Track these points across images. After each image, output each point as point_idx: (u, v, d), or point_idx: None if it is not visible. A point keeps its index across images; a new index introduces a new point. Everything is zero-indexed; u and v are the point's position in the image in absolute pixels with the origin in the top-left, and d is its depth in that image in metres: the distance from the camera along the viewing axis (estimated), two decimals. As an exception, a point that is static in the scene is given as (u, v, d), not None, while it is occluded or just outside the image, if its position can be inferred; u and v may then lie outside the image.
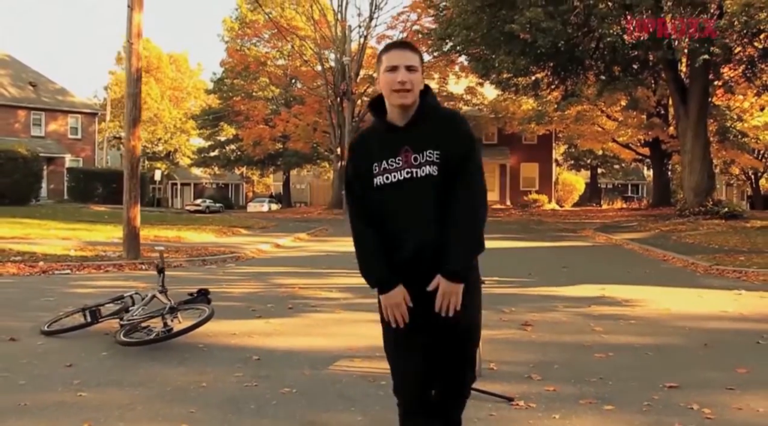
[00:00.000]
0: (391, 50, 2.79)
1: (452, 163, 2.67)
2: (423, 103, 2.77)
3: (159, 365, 5.48)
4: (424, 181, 2.67)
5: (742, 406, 4.52)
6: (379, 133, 2.81)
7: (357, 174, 2.78)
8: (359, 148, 2.83)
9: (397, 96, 2.71)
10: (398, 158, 2.70)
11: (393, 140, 2.73)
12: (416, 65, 2.75)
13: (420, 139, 2.69)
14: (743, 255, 13.70)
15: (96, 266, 11.63)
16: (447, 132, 2.72)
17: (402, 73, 2.69)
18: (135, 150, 12.50)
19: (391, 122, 2.77)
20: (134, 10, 11.97)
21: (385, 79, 2.73)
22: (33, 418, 4.18)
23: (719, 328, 7.23)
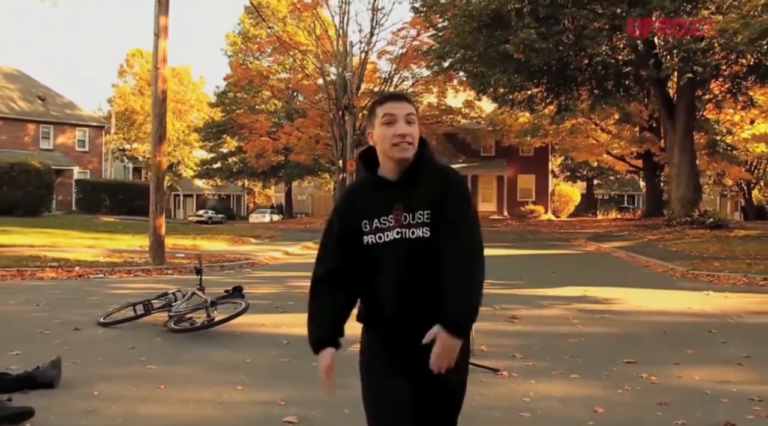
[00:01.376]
0: (387, 102, 2.61)
1: (445, 224, 2.50)
2: (420, 158, 2.59)
3: (206, 348, 6.61)
4: (413, 244, 2.50)
5: (683, 376, 5.66)
6: (369, 188, 2.62)
7: (342, 233, 2.59)
8: (347, 207, 2.63)
9: (398, 150, 2.52)
10: (390, 216, 2.53)
11: (384, 196, 2.55)
12: (414, 115, 2.59)
13: (412, 197, 2.53)
14: (719, 261, 14.85)
15: (126, 271, 12.76)
16: (441, 191, 2.53)
17: (402, 126, 2.53)
18: (161, 165, 13.62)
19: (383, 177, 2.58)
20: (160, 38, 13.13)
21: (383, 133, 2.54)
22: (118, 383, 5.30)
23: (680, 321, 8.37)
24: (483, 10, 21.99)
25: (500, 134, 44.83)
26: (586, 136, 40.38)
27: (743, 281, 12.26)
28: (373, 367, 2.59)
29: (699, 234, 22.60)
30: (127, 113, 73.63)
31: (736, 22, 16.19)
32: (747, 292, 11.13)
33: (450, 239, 2.46)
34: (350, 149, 40.56)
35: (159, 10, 13.08)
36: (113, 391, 5.09)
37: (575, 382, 5.46)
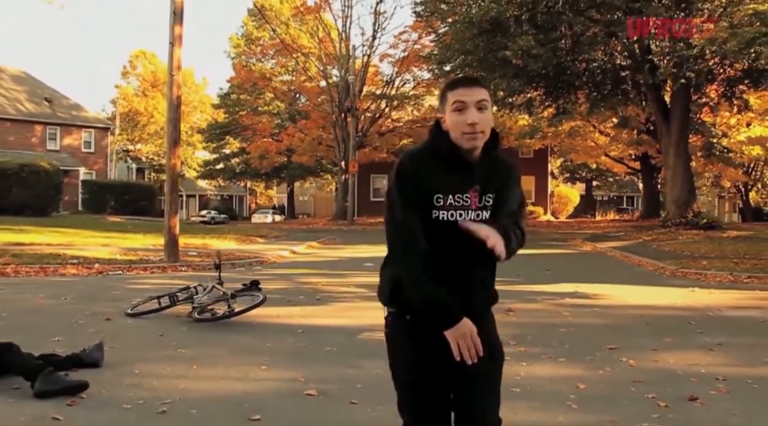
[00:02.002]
0: (459, 87, 2.52)
1: (508, 213, 2.54)
2: (494, 145, 2.57)
3: (229, 335, 7.27)
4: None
5: (658, 360, 6.32)
6: (436, 160, 2.50)
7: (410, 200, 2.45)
8: (414, 173, 2.47)
9: (468, 138, 2.46)
10: (466, 195, 2.47)
11: (462, 174, 2.49)
12: (487, 100, 2.51)
13: (485, 179, 2.51)
14: (707, 260, 15.51)
15: (143, 268, 13.43)
16: (506, 178, 2.57)
17: (472, 113, 2.45)
18: (175, 167, 14.30)
19: (462, 154, 2.49)
20: (175, 46, 13.79)
21: (453, 120, 2.47)
22: (154, 364, 5.95)
23: (663, 314, 9.04)
24: (483, 17, 22.69)
25: (500, 136, 45.40)
26: (584, 138, 41.04)
27: (729, 279, 12.92)
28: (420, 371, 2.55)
29: (692, 234, 23.26)
30: (131, 114, 74.36)
31: (724, 32, 16.88)
32: (731, 289, 11.79)
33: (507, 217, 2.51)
34: (352, 151, 41.26)
35: (174, 20, 13.76)
36: (152, 370, 5.75)
37: (561, 365, 6.13)
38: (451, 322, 2.42)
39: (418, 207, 2.44)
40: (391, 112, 46.89)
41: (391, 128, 46.76)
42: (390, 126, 46.82)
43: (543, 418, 4.69)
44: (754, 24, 15.42)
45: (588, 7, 22.49)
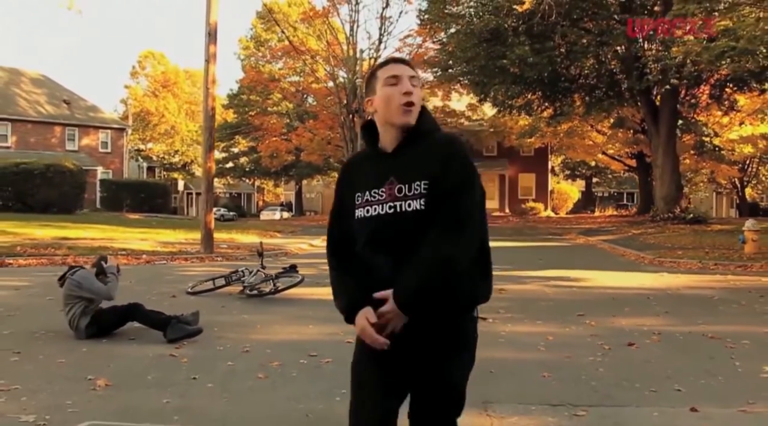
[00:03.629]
0: (389, 64, 2.50)
1: (443, 196, 2.34)
2: (417, 125, 2.44)
3: (277, 307, 9.13)
4: (408, 217, 2.35)
5: (614, 322, 8.15)
6: (366, 159, 2.53)
7: (341, 204, 2.53)
8: (344, 177, 2.56)
9: (402, 111, 2.40)
10: (382, 189, 2.40)
11: (379, 168, 2.44)
12: (417, 79, 2.48)
13: (408, 167, 2.38)
14: (683, 250, 17.32)
15: (183, 258, 15.31)
16: (441, 159, 2.37)
17: (406, 84, 2.41)
18: (210, 170, 16.15)
19: (381, 148, 2.47)
20: (210, 63, 15.63)
21: (387, 94, 2.41)
22: (226, 326, 7.79)
23: (629, 293, 10.88)
24: (483, 28, 24.47)
25: (501, 136, 47.26)
26: (582, 137, 42.75)
27: (698, 266, 14.74)
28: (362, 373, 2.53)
29: (678, 228, 25.02)
30: (142, 114, 76.15)
31: (698, 46, 18.68)
32: (697, 274, 13.61)
33: (440, 213, 2.33)
34: (360, 150, 43.02)
35: (209, 40, 15.60)
36: (226, 329, 7.61)
37: (537, 325, 7.98)
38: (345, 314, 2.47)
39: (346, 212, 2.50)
40: (397, 113, 48.59)
41: (396, 128, 48.48)
42: (396, 126, 48.53)
43: (519, 356, 6.52)
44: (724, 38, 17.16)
45: (580, 18, 24.28)
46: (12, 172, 34.07)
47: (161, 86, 77.54)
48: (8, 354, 6.38)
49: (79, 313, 7.05)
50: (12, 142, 44.73)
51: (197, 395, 5.14)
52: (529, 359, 6.35)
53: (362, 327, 2.39)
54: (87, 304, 7.09)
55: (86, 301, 7.09)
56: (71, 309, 7.09)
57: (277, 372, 5.80)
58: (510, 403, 4.92)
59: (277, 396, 5.13)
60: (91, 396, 5.08)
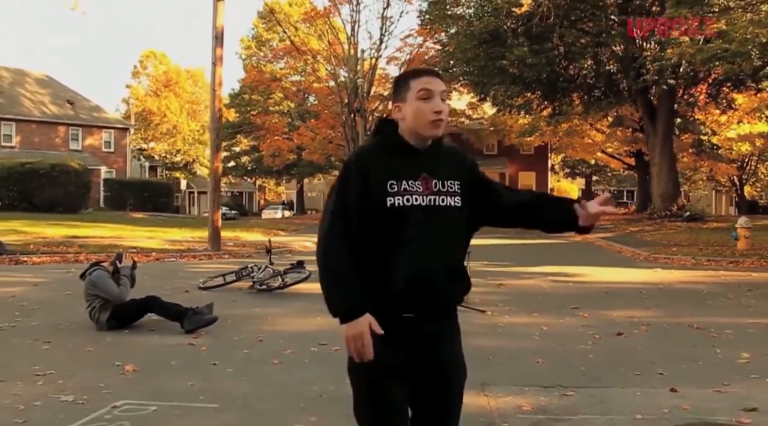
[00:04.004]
0: (424, 76, 2.53)
1: (487, 183, 2.63)
2: (439, 138, 2.57)
3: (286, 301, 9.58)
4: (447, 212, 2.47)
5: (606, 314, 8.61)
6: (390, 151, 2.51)
7: (361, 192, 2.43)
8: (365, 166, 2.47)
9: (433, 126, 2.48)
10: (417, 182, 2.45)
11: (411, 162, 2.48)
12: (446, 94, 2.56)
13: (438, 166, 2.51)
14: (678, 247, 17.78)
15: (192, 256, 15.77)
16: (462, 168, 2.57)
17: (438, 102, 2.47)
18: (217, 170, 16.59)
19: (408, 142, 2.51)
20: (217, 66, 16.08)
21: (418, 108, 2.47)
22: (240, 317, 8.25)
23: (623, 287, 11.34)
24: (483, 29, 24.91)
25: (501, 134, 47.68)
26: (581, 136, 43.16)
27: (691, 262, 15.19)
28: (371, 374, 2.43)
29: (675, 226, 25.48)
30: (144, 114, 76.56)
31: (692, 48, 19.12)
32: (690, 270, 14.06)
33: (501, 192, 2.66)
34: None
35: (215, 44, 16.05)
36: (240, 321, 8.07)
37: (533, 316, 8.43)
38: (347, 312, 2.39)
39: (354, 203, 2.43)
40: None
41: (397, 127, 48.96)
42: (396, 125, 49.01)
43: (515, 344, 6.98)
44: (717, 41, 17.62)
45: (579, 19, 24.73)
46: (18, 171, 34.50)
47: (163, 86, 77.94)
48: (39, 343, 6.84)
49: (99, 308, 7.50)
50: (16, 142, 45.21)
51: (219, 378, 5.60)
52: (524, 347, 6.80)
53: (362, 332, 2.34)
54: (105, 301, 7.54)
55: (103, 298, 7.53)
56: (91, 304, 7.54)
57: (290, 358, 6.26)
58: (506, 385, 5.36)
59: (291, 379, 5.58)
60: (121, 379, 5.54)
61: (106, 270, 7.77)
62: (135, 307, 7.61)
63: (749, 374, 5.70)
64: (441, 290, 2.45)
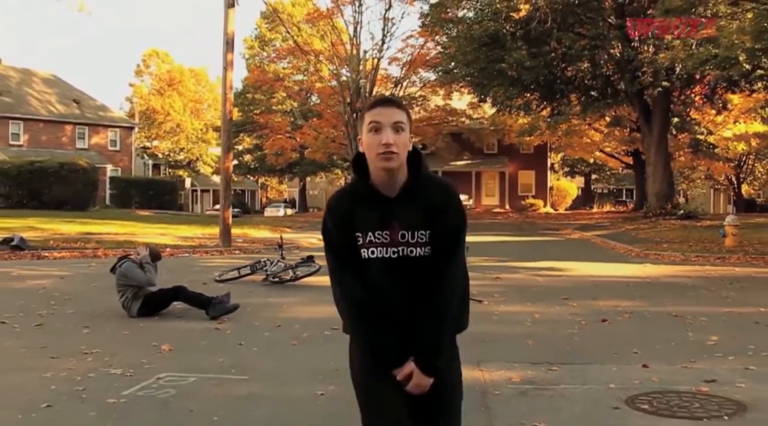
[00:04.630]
0: (376, 107, 2.49)
1: (442, 242, 2.49)
2: (415, 173, 2.51)
3: (298, 292, 10.33)
4: (412, 263, 2.49)
5: (593, 304, 9.35)
6: (363, 198, 2.50)
7: (339, 238, 2.51)
8: (340, 210, 2.52)
9: (382, 159, 2.42)
10: (385, 232, 2.47)
11: (378, 210, 2.48)
12: (404, 123, 2.47)
13: (410, 215, 2.47)
14: (669, 244, 18.51)
15: (204, 251, 16.52)
16: (439, 208, 2.49)
17: (387, 134, 2.41)
18: (228, 170, 17.36)
19: (378, 191, 2.49)
20: (227, 70, 16.83)
21: (368, 141, 2.44)
22: (256, 306, 8.99)
23: (612, 280, 12.08)
24: (483, 33, 25.66)
25: (501, 133, 48.39)
26: (579, 135, 43.85)
27: (680, 258, 15.92)
28: (371, 384, 2.54)
29: (669, 224, 26.19)
30: (148, 112, 77.30)
31: (683, 53, 19.86)
32: (678, 265, 14.78)
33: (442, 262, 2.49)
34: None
35: (226, 49, 16.80)
36: (257, 309, 8.82)
37: (527, 306, 9.18)
38: (392, 366, 2.47)
39: (346, 249, 2.51)
40: (399, 112, 49.79)
41: (399, 126, 49.70)
42: (398, 125, 49.75)
43: (508, 330, 7.72)
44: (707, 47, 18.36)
45: (575, 23, 25.46)
46: (27, 170, 35.23)
47: (167, 85, 78.67)
48: (80, 328, 7.60)
49: (131, 298, 8.25)
50: (24, 141, 45.97)
51: (245, 356, 6.35)
52: (517, 331, 7.55)
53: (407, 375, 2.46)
54: (137, 290, 8.28)
55: (135, 287, 8.28)
56: (124, 294, 8.29)
57: (307, 340, 7.01)
58: (499, 362, 6.11)
59: (310, 356, 6.34)
60: (159, 357, 6.29)
61: (133, 261, 8.51)
62: (164, 296, 8.36)
63: (714, 353, 6.45)
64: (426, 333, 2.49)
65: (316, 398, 5.08)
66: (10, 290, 10.55)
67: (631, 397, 5.03)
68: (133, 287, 8.25)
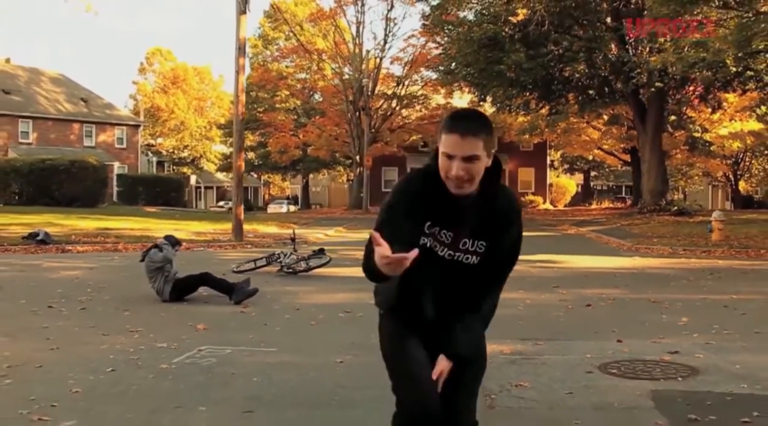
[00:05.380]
0: (452, 133, 2.43)
1: (500, 253, 2.62)
2: (490, 185, 2.55)
3: (311, 281, 11.26)
4: (462, 268, 2.60)
5: (581, 291, 10.27)
6: (438, 191, 2.51)
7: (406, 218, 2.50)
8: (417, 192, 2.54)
9: (452, 184, 2.47)
10: (449, 233, 2.55)
11: (450, 211, 2.53)
12: (479, 155, 2.43)
13: (475, 224, 2.55)
14: (659, 238, 19.43)
15: (218, 246, 17.45)
16: (503, 226, 2.60)
17: (457, 166, 2.42)
18: (240, 168, 18.31)
19: (452, 192, 2.50)
20: (239, 74, 17.77)
21: (442, 163, 2.47)
22: (276, 293, 9.91)
23: (601, 271, 13.01)
24: (482, 35, 26.57)
25: (502, 131, 49.22)
26: (578, 133, 44.75)
27: (668, 251, 16.83)
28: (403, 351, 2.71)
29: (663, 220, 27.09)
30: (152, 110, 78.21)
31: (672, 56, 20.76)
32: (666, 258, 15.71)
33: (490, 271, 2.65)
34: (366, 146, 45.21)
35: (238, 54, 17.73)
36: (277, 295, 9.75)
37: (520, 293, 10.07)
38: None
39: (407, 232, 2.48)
40: (401, 110, 50.80)
41: (401, 125, 50.71)
42: (400, 123, 50.78)
43: (501, 313, 8.58)
44: (696, 50, 19.23)
45: (571, 26, 26.35)
46: (39, 168, 36.13)
47: (170, 83, 79.59)
48: (120, 311, 8.53)
49: (163, 282, 9.18)
50: (33, 139, 46.92)
51: (271, 334, 7.28)
52: (509, 313, 8.44)
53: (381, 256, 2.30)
54: (166, 274, 9.21)
55: (163, 271, 9.20)
56: (156, 280, 9.22)
57: (324, 321, 7.94)
58: (492, 338, 6.93)
59: (327, 334, 7.26)
60: (196, 334, 7.22)
61: (156, 246, 9.49)
62: (193, 281, 9.29)
63: (682, 332, 7.37)
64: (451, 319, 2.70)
65: (336, 365, 5.99)
66: (47, 280, 11.48)
67: (603, 364, 5.95)
68: (161, 271, 9.16)
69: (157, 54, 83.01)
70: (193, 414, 4.69)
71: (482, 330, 2.81)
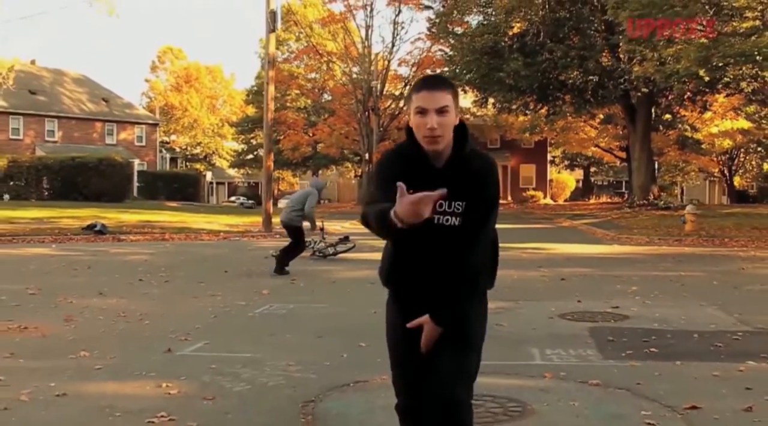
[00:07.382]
0: (422, 90, 2.65)
1: (475, 212, 2.67)
2: (460, 148, 2.70)
3: (339, 263, 13.71)
4: (444, 231, 2.68)
5: (559, 270, 12.68)
6: (412, 162, 2.68)
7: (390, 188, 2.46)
8: (395, 164, 2.71)
9: (427, 141, 2.62)
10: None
11: (427, 179, 2.58)
12: (449, 106, 2.62)
13: (452, 185, 2.54)
14: (639, 229, 21.82)
15: (251, 236, 19.93)
16: (478, 184, 2.68)
17: (432, 118, 2.58)
18: (269, 168, 20.76)
19: (428, 159, 2.67)
20: (269, 85, 20.20)
21: (415, 122, 2.64)
22: (313, 272, 12.35)
23: (582, 256, 15.42)
24: (484, 44, 28.97)
25: (503, 129, 51.71)
26: (576, 132, 47.08)
27: (645, 240, 19.22)
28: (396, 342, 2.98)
29: (650, 213, 29.45)
30: (166, 108, 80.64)
31: (653, 67, 23.08)
32: (642, 246, 18.09)
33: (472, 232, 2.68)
34: (376, 144, 47.64)
35: (268, 67, 20.17)
36: (314, 273, 12.20)
37: (509, 272, 12.50)
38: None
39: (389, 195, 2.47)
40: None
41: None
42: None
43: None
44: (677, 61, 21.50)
45: (566, 36, 28.74)
46: (69, 165, 38.65)
47: (184, 82, 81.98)
48: (196, 283, 10.98)
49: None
50: (58, 137, 49.47)
51: (319, 297, 9.73)
52: (497, 285, 10.86)
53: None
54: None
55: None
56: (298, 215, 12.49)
57: (356, 290, 10.38)
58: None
59: (361, 297, 9.69)
60: (264, 296, 9.65)
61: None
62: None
63: (627, 295, 9.78)
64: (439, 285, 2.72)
65: (371, 315, 8.38)
66: (123, 262, 13.95)
67: (562, 314, 8.37)
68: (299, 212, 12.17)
69: (169, 53, 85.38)
70: (284, 337, 7.14)
71: (468, 292, 2.79)
